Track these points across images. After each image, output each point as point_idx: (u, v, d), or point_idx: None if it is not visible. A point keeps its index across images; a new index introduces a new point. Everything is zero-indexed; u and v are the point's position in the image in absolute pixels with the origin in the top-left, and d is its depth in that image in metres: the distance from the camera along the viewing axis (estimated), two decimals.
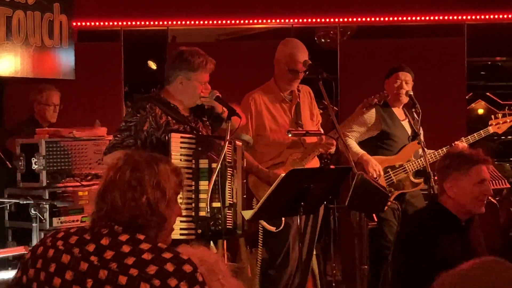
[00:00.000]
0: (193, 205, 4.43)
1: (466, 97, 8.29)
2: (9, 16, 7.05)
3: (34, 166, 5.33)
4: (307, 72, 5.40)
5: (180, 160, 4.46)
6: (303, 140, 5.52)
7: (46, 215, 5.12)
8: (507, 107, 5.95)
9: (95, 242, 2.60)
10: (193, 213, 4.41)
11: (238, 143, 4.74)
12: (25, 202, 4.91)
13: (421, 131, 5.98)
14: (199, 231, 4.41)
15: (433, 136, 6.24)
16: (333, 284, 6.61)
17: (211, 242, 4.65)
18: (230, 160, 4.53)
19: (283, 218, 5.28)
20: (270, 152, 5.50)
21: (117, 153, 4.43)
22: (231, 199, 4.55)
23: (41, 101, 6.82)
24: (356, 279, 5.93)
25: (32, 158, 5.34)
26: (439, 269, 1.97)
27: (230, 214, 4.53)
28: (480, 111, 17.58)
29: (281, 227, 5.29)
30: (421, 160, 5.81)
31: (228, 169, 4.51)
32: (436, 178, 4.42)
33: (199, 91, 4.71)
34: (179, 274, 2.51)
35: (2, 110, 7.83)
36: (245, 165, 4.85)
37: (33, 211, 4.84)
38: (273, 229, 5.34)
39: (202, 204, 4.40)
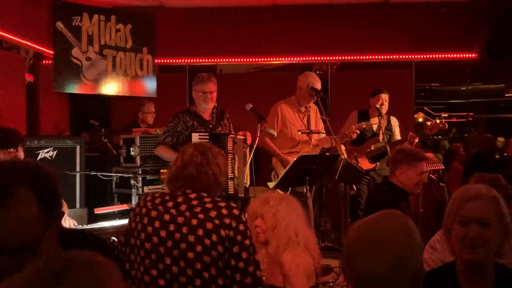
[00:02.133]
0: None
1: (413, 103, 8.22)
2: (114, 56, 7.13)
3: (132, 153, 5.32)
4: (319, 94, 5.34)
5: None
6: (311, 140, 5.49)
7: (140, 184, 5.14)
8: (437, 117, 5.89)
9: (173, 201, 2.65)
10: None
11: (239, 137, 4.62)
12: (127, 175, 4.94)
13: (396, 128, 5.97)
14: None
15: None
16: (325, 232, 6.60)
17: None
18: (230, 149, 4.48)
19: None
20: (288, 144, 5.43)
21: (161, 147, 4.68)
22: (232, 174, 4.49)
23: (144, 110, 6.78)
24: (341, 229, 5.91)
25: (131, 147, 5.34)
26: None
27: (232, 183, 4.48)
28: (420, 120, 17.52)
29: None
30: (377, 149, 5.80)
31: (229, 154, 4.46)
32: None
33: (208, 97, 4.68)
34: (231, 215, 2.55)
35: (110, 116, 7.86)
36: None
37: (132, 182, 4.88)
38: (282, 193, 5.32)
39: None
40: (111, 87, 7.13)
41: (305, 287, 3.04)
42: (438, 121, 5.59)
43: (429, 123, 5.66)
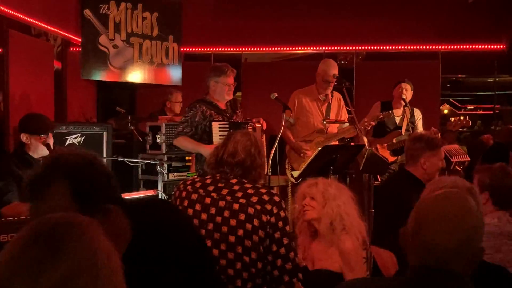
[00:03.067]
0: None
1: (440, 94, 8.16)
2: (141, 44, 7.20)
3: (158, 140, 5.35)
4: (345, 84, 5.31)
5: (219, 138, 4.32)
6: (327, 129, 5.44)
7: (166, 171, 5.19)
8: (461, 117, 5.85)
9: (214, 185, 2.71)
10: None
11: (258, 125, 4.67)
12: (153, 162, 4.99)
13: (419, 121, 5.94)
14: None
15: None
16: None
17: None
18: None
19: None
20: (303, 132, 5.39)
21: (180, 138, 4.62)
22: None
23: (172, 100, 6.76)
24: (364, 218, 5.92)
25: (157, 135, 5.37)
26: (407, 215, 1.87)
27: None
28: (445, 111, 17.35)
29: (300, 180, 5.24)
30: (399, 142, 5.77)
31: None
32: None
33: (226, 90, 4.68)
34: (272, 201, 2.60)
35: (136, 104, 7.93)
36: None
37: (158, 168, 4.93)
38: (293, 180, 5.34)
39: None
40: (136, 75, 7.20)
41: (364, 273, 3.08)
42: (462, 117, 5.57)
43: (452, 119, 5.66)
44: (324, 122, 5.34)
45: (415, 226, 1.70)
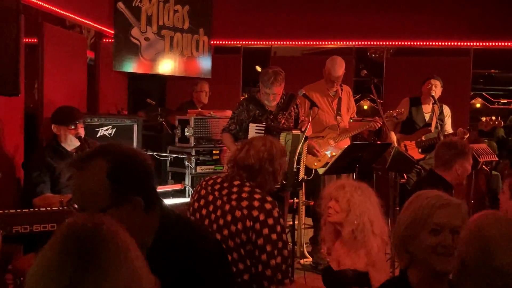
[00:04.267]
0: None
1: (470, 91, 8.07)
2: (172, 36, 7.28)
3: (186, 133, 5.45)
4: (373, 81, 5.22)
5: None
6: (339, 125, 5.44)
7: (193, 164, 5.27)
8: (493, 116, 5.80)
9: (220, 184, 2.84)
10: None
11: (295, 132, 4.57)
12: (181, 156, 5.07)
13: (447, 119, 5.90)
14: None
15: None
16: None
17: None
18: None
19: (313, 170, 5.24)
20: (315, 128, 5.32)
21: (225, 135, 4.78)
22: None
23: (197, 90, 6.89)
24: (389, 216, 5.90)
25: (185, 128, 5.46)
26: None
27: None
28: (478, 105, 17.14)
29: (312, 176, 5.23)
30: (428, 140, 5.74)
31: None
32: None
33: (270, 98, 4.72)
34: (260, 208, 2.64)
35: (166, 96, 8.02)
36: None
37: (186, 162, 5.01)
38: (305, 177, 5.34)
39: None
40: (167, 67, 7.29)
41: (388, 272, 3.12)
42: (493, 117, 5.53)
43: (484, 119, 5.61)
44: (351, 120, 5.35)
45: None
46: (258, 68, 11.50)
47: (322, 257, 5.29)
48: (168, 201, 4.31)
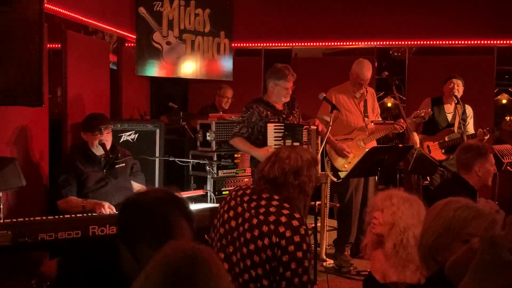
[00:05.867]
0: None
1: (494, 92, 7.96)
2: (193, 40, 7.32)
3: (208, 138, 5.49)
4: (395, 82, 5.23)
5: (274, 140, 4.48)
6: (367, 126, 5.42)
7: (215, 169, 5.30)
8: None
9: (249, 196, 2.79)
10: None
11: (313, 127, 4.65)
12: (202, 162, 5.09)
13: (470, 119, 5.84)
14: None
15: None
16: None
17: None
18: (305, 140, 4.49)
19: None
20: (343, 130, 5.38)
21: (237, 139, 4.71)
22: None
23: (220, 95, 6.95)
24: None
25: (207, 132, 5.50)
26: None
27: None
28: (504, 101, 16.88)
29: (341, 179, 5.25)
30: (451, 140, 5.68)
31: (304, 145, 4.49)
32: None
33: (285, 93, 4.72)
34: (287, 225, 2.59)
35: (188, 100, 8.06)
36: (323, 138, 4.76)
37: (207, 168, 5.04)
38: (335, 179, 5.35)
39: None
40: (188, 70, 7.34)
41: None
42: None
43: (508, 118, 5.52)
44: (372, 123, 5.32)
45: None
46: None
47: (345, 259, 5.29)
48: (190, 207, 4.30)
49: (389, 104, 15.70)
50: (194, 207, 4.26)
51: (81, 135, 4.44)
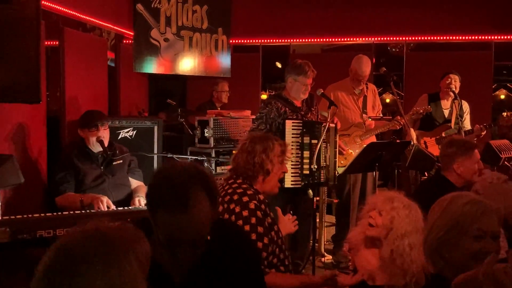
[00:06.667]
0: (299, 166, 4.45)
1: (492, 87, 7.96)
2: (191, 37, 7.32)
3: (206, 134, 5.50)
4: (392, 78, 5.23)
5: (292, 137, 4.47)
6: (365, 122, 5.43)
7: (213, 165, 5.31)
8: None
9: (225, 182, 3.01)
10: (299, 171, 4.44)
11: (332, 125, 4.62)
12: (200, 158, 5.10)
13: (466, 115, 5.83)
14: (303, 183, 4.45)
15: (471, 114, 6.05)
16: None
17: (309, 189, 4.67)
18: (324, 138, 4.48)
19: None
20: (341, 126, 5.29)
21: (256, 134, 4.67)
22: (325, 163, 4.51)
23: (218, 90, 6.95)
24: None
25: (205, 129, 5.51)
26: None
27: (323, 172, 4.50)
28: (502, 96, 16.92)
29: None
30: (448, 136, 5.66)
31: (323, 143, 4.48)
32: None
33: (304, 89, 4.71)
34: (238, 201, 2.79)
35: (186, 96, 8.07)
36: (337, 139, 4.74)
37: (206, 164, 5.05)
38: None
39: (305, 166, 4.44)
40: (187, 66, 7.34)
41: None
42: None
43: (505, 114, 5.52)
44: (369, 119, 5.33)
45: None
46: (278, 64, 11.50)
47: (344, 255, 5.30)
48: None
49: (388, 100, 15.75)
50: None
51: (78, 132, 4.43)
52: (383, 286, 2.68)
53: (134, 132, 5.45)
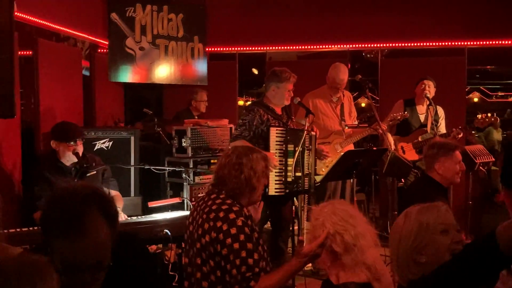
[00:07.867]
0: (283, 173, 4.45)
1: (466, 90, 8.07)
2: (166, 45, 7.29)
3: (184, 144, 5.45)
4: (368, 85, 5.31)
5: (276, 144, 4.47)
6: (344, 130, 5.47)
7: (191, 175, 5.23)
8: (489, 113, 5.77)
9: (203, 199, 2.94)
10: (283, 179, 4.45)
11: (313, 132, 4.66)
12: (178, 169, 5.04)
13: (441, 120, 5.90)
14: (287, 190, 4.46)
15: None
16: (373, 219, 6.63)
17: (294, 197, 4.69)
18: (307, 145, 4.50)
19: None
20: (321, 134, 5.30)
21: (238, 141, 4.57)
22: (308, 170, 4.53)
23: (197, 99, 6.89)
24: (388, 217, 5.93)
25: (182, 139, 5.46)
26: None
27: (307, 179, 4.53)
28: (475, 99, 17.22)
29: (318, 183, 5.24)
30: (425, 141, 5.73)
31: (306, 151, 4.50)
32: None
33: (287, 96, 4.74)
34: (224, 218, 2.71)
35: (162, 106, 8.02)
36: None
37: (184, 175, 5.01)
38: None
39: (289, 173, 4.44)
40: (163, 75, 7.30)
41: (389, 277, 2.89)
42: (489, 114, 5.52)
43: (479, 116, 5.61)
44: (347, 127, 5.37)
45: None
46: (255, 71, 11.50)
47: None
48: (167, 215, 4.22)
49: (363, 104, 15.90)
50: (171, 215, 4.20)
51: (51, 143, 4.33)
52: (344, 284, 2.64)
53: (111, 143, 5.41)
